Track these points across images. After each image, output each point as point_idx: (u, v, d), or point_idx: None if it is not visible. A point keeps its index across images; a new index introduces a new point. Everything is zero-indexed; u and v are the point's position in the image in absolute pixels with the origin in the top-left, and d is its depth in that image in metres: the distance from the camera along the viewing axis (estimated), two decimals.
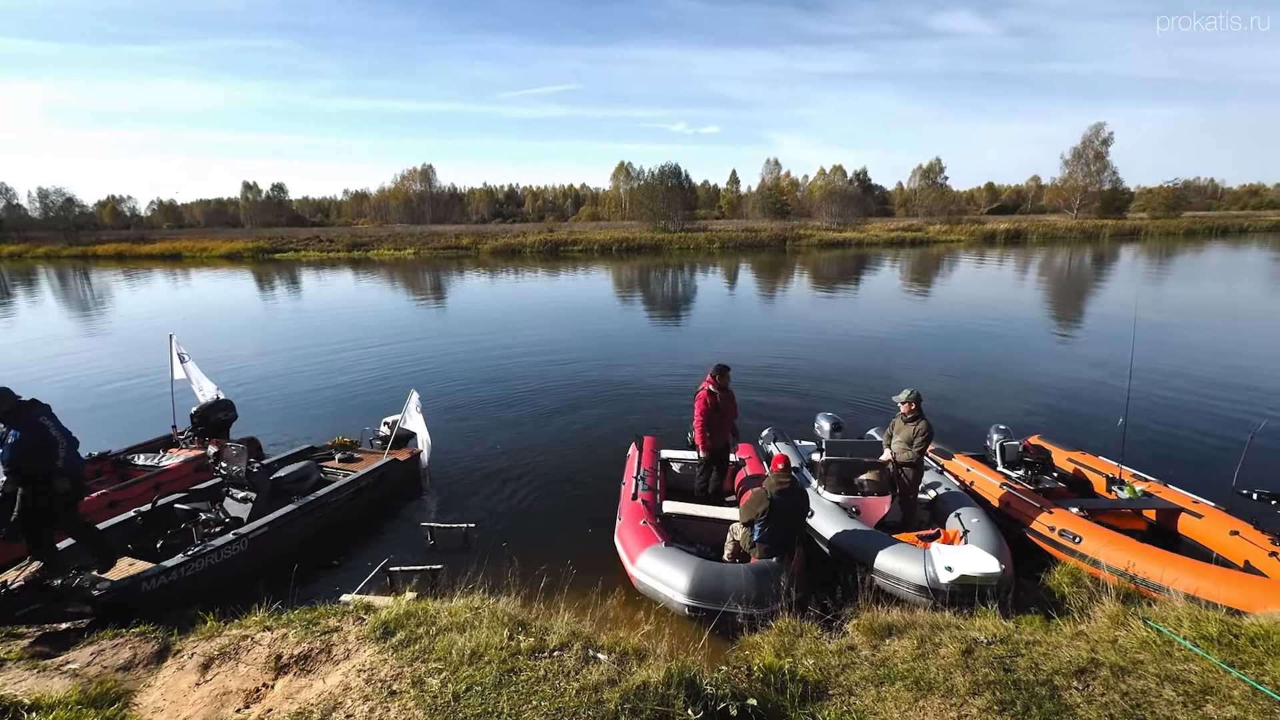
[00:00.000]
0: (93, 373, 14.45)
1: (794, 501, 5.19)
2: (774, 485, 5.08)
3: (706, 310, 23.17)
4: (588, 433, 9.90)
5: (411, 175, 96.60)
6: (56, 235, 67.68)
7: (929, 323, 19.23)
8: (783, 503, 5.01)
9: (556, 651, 3.32)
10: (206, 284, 35.72)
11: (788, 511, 5.08)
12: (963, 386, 12.05)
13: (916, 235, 60.14)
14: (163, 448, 8.27)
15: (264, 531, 6.14)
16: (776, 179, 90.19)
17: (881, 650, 3.56)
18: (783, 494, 5.02)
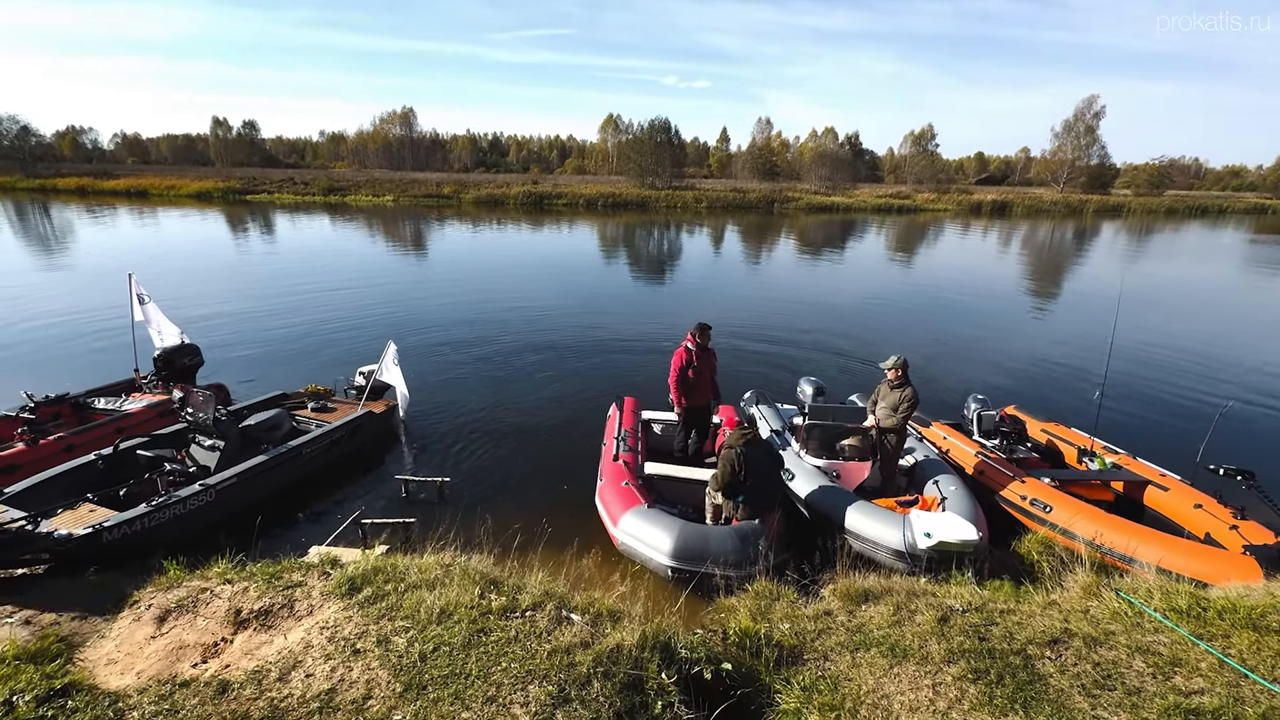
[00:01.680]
0: (52, 312, 13.82)
1: (763, 451, 5.15)
2: (738, 439, 5.05)
3: (692, 271, 22.88)
4: (567, 390, 9.77)
5: (391, 118, 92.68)
6: (12, 165, 64.08)
7: (912, 292, 19.24)
8: (752, 453, 4.97)
9: (529, 611, 3.24)
10: (175, 224, 34.25)
11: (760, 461, 5.04)
12: (943, 355, 12.10)
13: (904, 203, 59.82)
14: (125, 391, 7.94)
15: (233, 482, 5.94)
16: (768, 139, 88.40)
17: (858, 616, 3.55)
18: (749, 444, 4.99)
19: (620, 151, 74.28)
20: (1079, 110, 73.82)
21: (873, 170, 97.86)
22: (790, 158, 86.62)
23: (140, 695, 2.54)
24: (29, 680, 2.50)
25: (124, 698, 2.52)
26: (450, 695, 2.54)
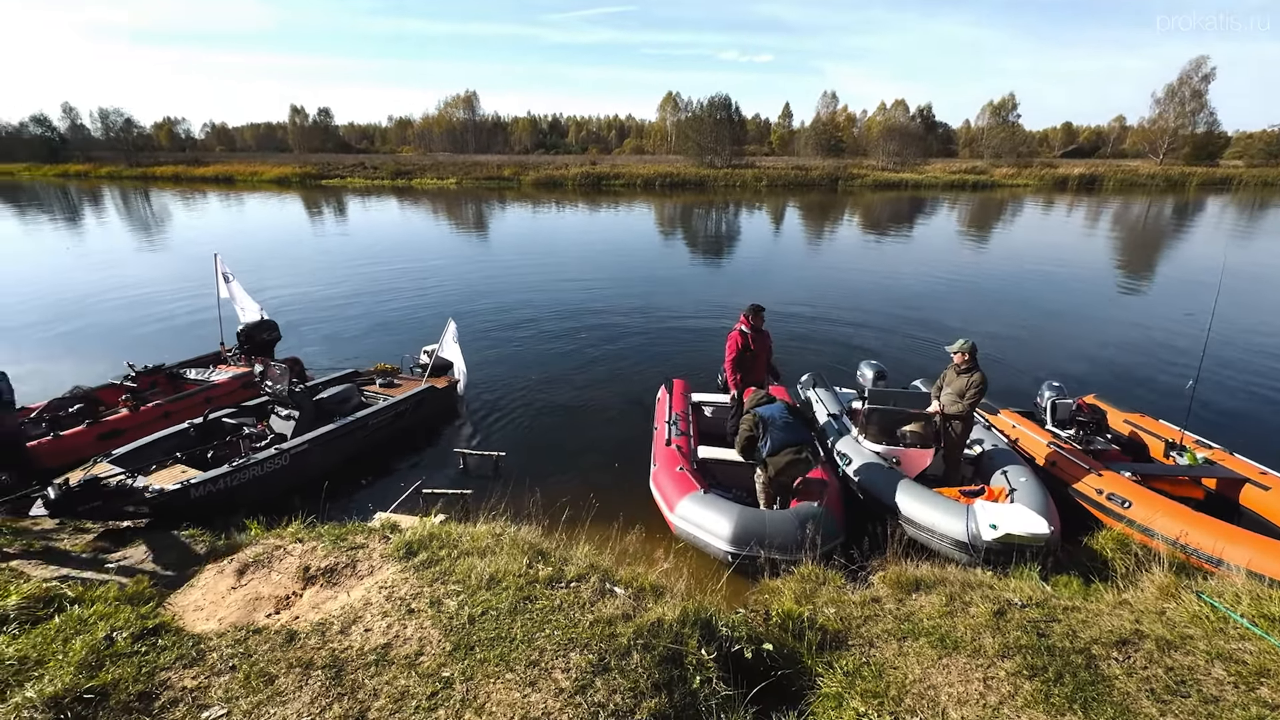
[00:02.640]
0: (150, 289, 15.05)
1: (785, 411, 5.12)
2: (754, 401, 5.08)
3: (749, 251, 22.44)
4: (620, 369, 9.84)
5: (455, 102, 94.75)
6: (118, 156, 69.70)
7: (985, 272, 18.20)
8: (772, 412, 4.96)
9: (573, 582, 3.32)
10: (257, 207, 36.45)
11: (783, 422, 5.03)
12: (1015, 340, 11.43)
13: (980, 178, 56.39)
14: (212, 363, 8.58)
15: (305, 448, 6.35)
16: (832, 114, 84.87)
17: (907, 605, 3.44)
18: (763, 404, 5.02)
19: (679, 130, 73.08)
20: (1185, 73, 66.95)
21: (946, 144, 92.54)
22: (856, 133, 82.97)
23: (220, 639, 2.78)
24: (126, 619, 2.78)
25: (205, 640, 2.77)
26: (496, 657, 2.64)
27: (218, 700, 2.37)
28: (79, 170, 62.84)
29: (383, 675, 2.54)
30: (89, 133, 76.84)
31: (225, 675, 2.50)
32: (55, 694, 2.21)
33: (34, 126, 77.25)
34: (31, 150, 74.19)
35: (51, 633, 2.63)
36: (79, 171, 62.31)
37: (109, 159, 68.41)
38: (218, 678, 2.49)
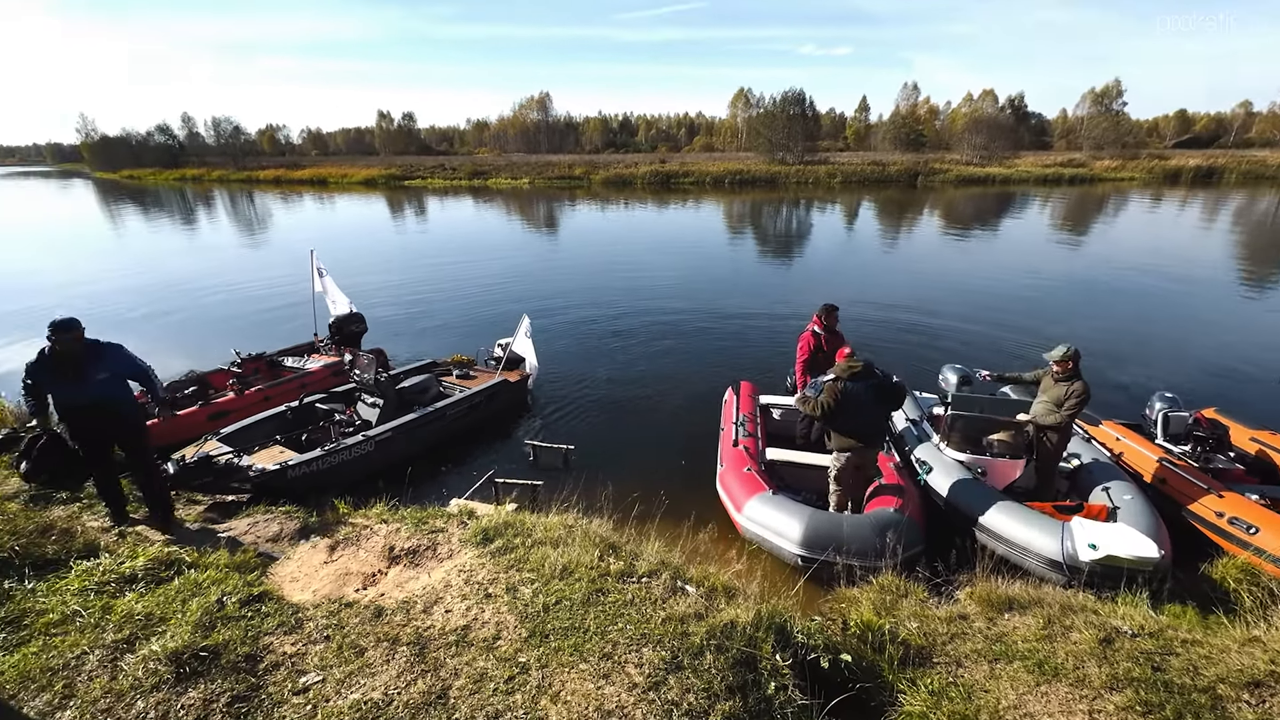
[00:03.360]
0: (253, 282, 16.30)
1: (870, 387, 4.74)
2: (845, 369, 4.72)
3: (821, 249, 21.79)
4: (686, 368, 9.79)
5: (529, 104, 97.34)
6: (227, 160, 76.04)
7: (1083, 271, 16.86)
8: (853, 388, 4.64)
9: (645, 578, 3.31)
10: (346, 207, 38.79)
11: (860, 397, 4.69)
12: (1120, 345, 10.52)
13: (1078, 172, 52.33)
14: (306, 353, 9.18)
15: (389, 435, 6.68)
16: (913, 106, 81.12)
17: (999, 625, 3.22)
18: (856, 379, 4.65)
19: (750, 127, 71.97)
20: None
21: (1039, 136, 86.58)
22: (939, 126, 78.85)
23: (315, 609, 2.95)
24: (235, 585, 3.01)
25: (303, 610, 2.95)
26: (570, 646, 2.67)
27: (314, 667, 2.51)
28: (194, 174, 69.02)
29: (462, 656, 2.62)
30: (203, 140, 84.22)
31: (320, 644, 2.66)
32: (176, 649, 2.41)
33: (158, 135, 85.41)
34: (156, 156, 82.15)
35: (172, 593, 2.88)
36: (194, 175, 68.42)
37: (219, 163, 74.73)
38: (314, 646, 2.65)
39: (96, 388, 4.26)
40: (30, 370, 4.24)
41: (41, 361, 4.19)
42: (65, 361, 4.16)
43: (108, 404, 4.35)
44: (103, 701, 2.22)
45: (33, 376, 4.24)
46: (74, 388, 4.21)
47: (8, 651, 2.43)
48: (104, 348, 4.37)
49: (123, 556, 3.15)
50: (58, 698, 2.22)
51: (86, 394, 4.24)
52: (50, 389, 4.27)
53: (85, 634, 2.54)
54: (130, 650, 2.47)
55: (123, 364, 4.49)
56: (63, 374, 4.18)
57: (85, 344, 4.24)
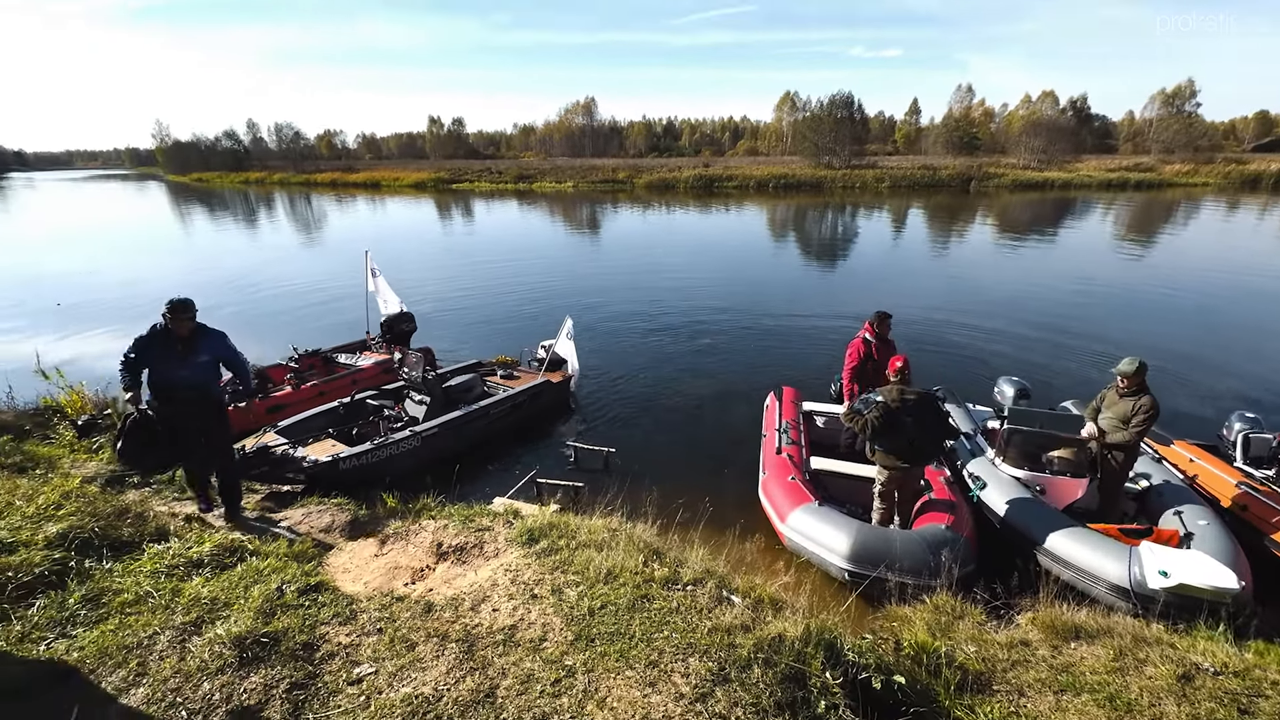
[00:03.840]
0: (309, 280, 16.96)
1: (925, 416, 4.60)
2: (894, 396, 4.60)
3: (868, 254, 21.30)
4: (727, 372, 9.70)
5: (575, 108, 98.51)
6: (287, 164, 79.59)
7: (1151, 282, 15.97)
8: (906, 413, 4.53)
9: (690, 586, 3.28)
10: (397, 209, 40.02)
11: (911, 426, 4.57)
12: (1192, 361, 9.91)
13: (1145, 176, 49.74)
14: (358, 350, 9.48)
15: (435, 432, 6.83)
16: (967, 108, 78.55)
17: (1064, 654, 3.05)
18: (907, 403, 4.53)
19: (795, 130, 70.96)
20: None
21: (1102, 139, 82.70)
22: (994, 129, 76.13)
23: (368, 602, 3.03)
24: (293, 574, 3.11)
25: (356, 601, 3.03)
26: (615, 652, 2.65)
27: (367, 659, 2.57)
28: (257, 177, 72.49)
29: (509, 656, 2.63)
30: (266, 144, 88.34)
31: (373, 636, 2.72)
32: (240, 634, 2.51)
33: (225, 140, 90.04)
34: (223, 160, 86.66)
35: (235, 579, 3.00)
36: (257, 178, 71.86)
37: (280, 167, 78.29)
38: (367, 638, 2.71)
39: (196, 370, 4.37)
40: (139, 345, 4.27)
41: (153, 336, 4.26)
42: (174, 340, 4.26)
43: (201, 387, 4.45)
44: (172, 681, 2.32)
45: (139, 352, 4.26)
46: (176, 366, 4.28)
47: (88, 628, 2.57)
48: (210, 332, 4.50)
49: (190, 541, 3.30)
50: (132, 675, 2.33)
51: (185, 375, 4.32)
52: (151, 366, 4.30)
53: (157, 615, 2.66)
54: (197, 633, 2.58)
55: (223, 350, 4.59)
56: (169, 352, 4.25)
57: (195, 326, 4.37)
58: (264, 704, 2.28)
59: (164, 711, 2.19)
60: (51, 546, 3.01)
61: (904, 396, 4.62)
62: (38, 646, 2.46)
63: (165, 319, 4.23)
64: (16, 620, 2.58)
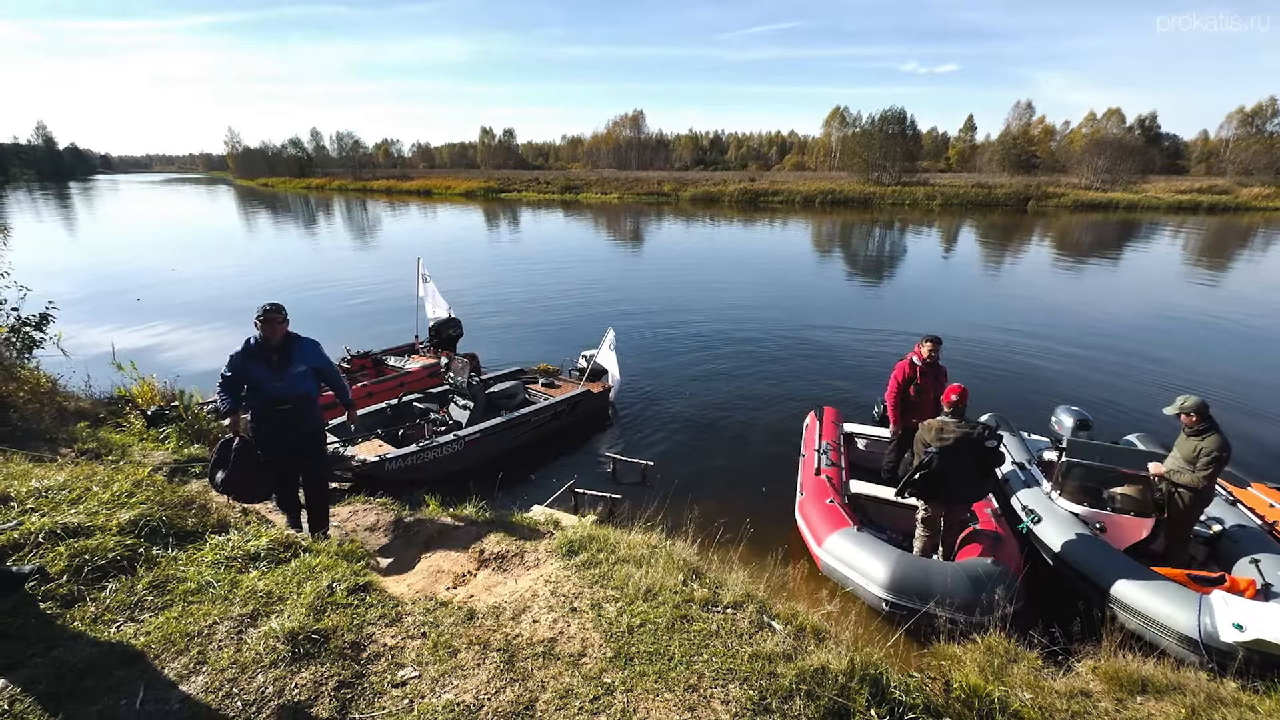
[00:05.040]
0: (363, 284, 17.58)
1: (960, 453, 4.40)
2: (934, 438, 4.43)
3: (917, 274, 20.77)
4: (769, 390, 9.58)
5: (623, 121, 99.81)
6: (346, 172, 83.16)
7: (1223, 312, 15.05)
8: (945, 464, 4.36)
9: (730, 609, 3.22)
10: (448, 217, 41.19)
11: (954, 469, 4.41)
12: (1270, 398, 9.28)
13: (1219, 199, 47.15)
14: (407, 353, 9.76)
15: (477, 437, 6.96)
16: (1026, 126, 76.07)
17: (1130, 709, 2.87)
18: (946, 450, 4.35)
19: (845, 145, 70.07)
20: None
21: (1173, 159, 78.89)
22: (1054, 147, 73.49)
23: (413, 605, 3.08)
24: (343, 573, 3.20)
25: (401, 604, 3.09)
26: (655, 672, 2.63)
27: (411, 662, 2.62)
28: (318, 183, 75.89)
29: (549, 669, 2.64)
30: (328, 152, 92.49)
31: (417, 640, 2.76)
32: (293, 630, 2.59)
33: (290, 148, 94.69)
34: (287, 166, 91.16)
35: (289, 574, 3.10)
36: (318, 184, 75.23)
37: (339, 174, 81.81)
38: (411, 641, 2.76)
39: (294, 381, 4.10)
40: (236, 362, 4.00)
41: (249, 351, 4.00)
42: (270, 351, 4.02)
43: (301, 400, 4.15)
44: (229, 671, 2.41)
45: (236, 369, 3.99)
46: (274, 378, 4.02)
47: (154, 614, 2.69)
48: (303, 341, 4.22)
49: (249, 535, 3.43)
50: (193, 662, 2.44)
51: (284, 387, 4.06)
52: (251, 382, 4.03)
53: (217, 605, 2.78)
54: (254, 625, 2.67)
55: (318, 359, 4.30)
56: (264, 363, 4.00)
57: (288, 334, 4.13)
58: (313, 700, 2.34)
59: (221, 701, 2.28)
60: (124, 533, 3.17)
61: (942, 435, 4.46)
62: (109, 628, 2.59)
63: (258, 327, 3.99)
64: (90, 602, 2.72)
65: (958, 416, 4.49)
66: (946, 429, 4.45)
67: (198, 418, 6.32)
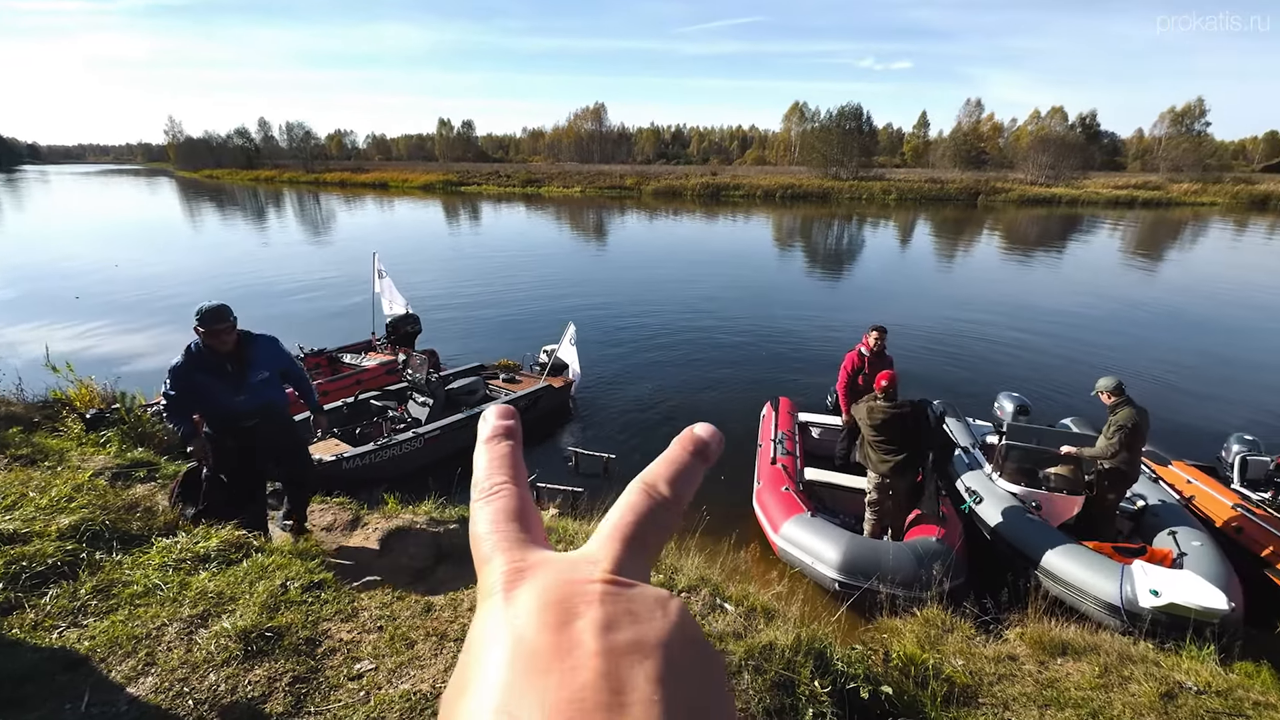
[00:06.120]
0: (317, 279, 17.11)
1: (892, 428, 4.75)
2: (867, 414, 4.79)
3: (872, 267, 21.39)
4: (727, 381, 9.79)
5: (584, 114, 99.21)
6: (297, 164, 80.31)
7: (1155, 302, 16.01)
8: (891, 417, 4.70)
9: (683, 592, 3.34)
10: (405, 211, 40.29)
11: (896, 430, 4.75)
12: (1193, 382, 9.95)
13: (1153, 195, 49.81)
14: (363, 350, 9.59)
15: (437, 434, 6.92)
16: (976, 123, 78.76)
17: (1051, 669, 3.10)
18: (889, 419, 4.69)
19: (804, 141, 71.27)
20: None
21: (1111, 156, 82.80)
22: (1002, 144, 76.31)
23: (369, 600, 3.09)
24: (297, 571, 3.18)
25: (358, 599, 3.09)
26: None
27: (367, 655, 2.64)
28: (267, 175, 73.05)
29: None
30: (277, 143, 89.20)
31: (374, 633, 2.78)
32: (245, 628, 2.57)
33: (237, 138, 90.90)
34: (234, 158, 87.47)
35: (241, 574, 3.06)
36: (267, 176, 72.42)
37: (290, 166, 78.96)
38: (368, 635, 2.77)
39: (257, 392, 3.49)
40: (179, 375, 3.37)
41: (192, 361, 3.36)
42: (221, 360, 3.38)
43: (271, 411, 3.59)
44: (179, 671, 2.38)
45: (181, 384, 3.38)
46: (231, 392, 3.42)
47: (99, 618, 2.64)
48: (257, 340, 3.58)
49: (198, 537, 3.37)
50: (141, 664, 2.40)
51: (248, 401, 3.46)
52: (201, 398, 3.45)
53: (165, 607, 2.73)
54: (204, 625, 2.64)
55: (279, 359, 3.70)
56: (217, 376, 3.38)
57: (239, 336, 3.46)
58: (267, 696, 2.34)
59: (171, 701, 2.26)
60: (63, 538, 3.08)
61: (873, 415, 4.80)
62: (50, 634, 2.53)
63: (200, 335, 3.33)
64: (30, 609, 2.65)
65: (890, 400, 4.74)
66: (875, 410, 4.76)
67: (141, 420, 6.10)
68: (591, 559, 0.30)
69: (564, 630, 0.26)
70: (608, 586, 0.28)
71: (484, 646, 0.26)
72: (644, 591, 0.28)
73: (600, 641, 0.25)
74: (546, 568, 0.29)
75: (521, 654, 0.25)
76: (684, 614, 0.28)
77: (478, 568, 0.31)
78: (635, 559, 0.31)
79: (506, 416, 0.38)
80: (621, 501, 0.33)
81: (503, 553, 0.31)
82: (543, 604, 0.27)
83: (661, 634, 0.26)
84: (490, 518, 0.33)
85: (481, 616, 0.29)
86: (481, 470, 0.36)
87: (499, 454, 0.36)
